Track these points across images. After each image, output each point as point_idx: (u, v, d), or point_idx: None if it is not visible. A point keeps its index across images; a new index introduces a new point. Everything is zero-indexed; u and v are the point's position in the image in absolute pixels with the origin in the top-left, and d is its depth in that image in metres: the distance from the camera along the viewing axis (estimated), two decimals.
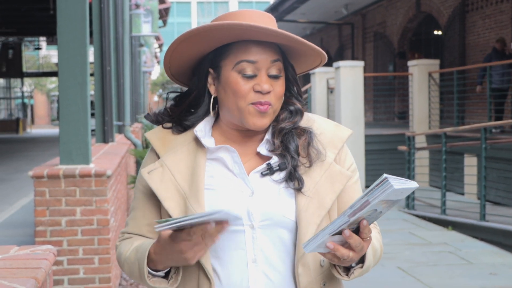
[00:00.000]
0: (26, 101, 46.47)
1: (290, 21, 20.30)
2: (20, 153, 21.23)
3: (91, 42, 7.36)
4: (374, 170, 12.01)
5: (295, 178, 1.54)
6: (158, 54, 33.82)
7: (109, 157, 5.66)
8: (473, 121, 11.84)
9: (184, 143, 1.61)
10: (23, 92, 43.35)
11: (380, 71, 18.10)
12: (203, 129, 1.61)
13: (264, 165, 1.56)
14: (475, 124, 9.95)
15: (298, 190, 1.54)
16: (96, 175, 4.58)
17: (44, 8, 19.62)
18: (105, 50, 7.20)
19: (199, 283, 1.54)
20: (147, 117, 1.68)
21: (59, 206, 4.57)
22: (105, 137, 7.19)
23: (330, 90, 13.54)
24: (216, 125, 1.64)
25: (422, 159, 11.54)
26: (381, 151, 12.23)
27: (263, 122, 1.54)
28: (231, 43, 1.55)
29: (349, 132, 1.64)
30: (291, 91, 1.62)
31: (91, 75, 8.22)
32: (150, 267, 1.50)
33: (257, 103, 1.52)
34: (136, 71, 15.35)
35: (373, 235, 1.58)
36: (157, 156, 1.63)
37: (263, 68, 1.54)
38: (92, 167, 4.64)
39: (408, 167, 10.20)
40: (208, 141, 1.59)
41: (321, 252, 1.42)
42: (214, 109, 1.62)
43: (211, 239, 1.37)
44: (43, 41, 35.52)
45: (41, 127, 48.01)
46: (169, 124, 1.65)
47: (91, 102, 7.70)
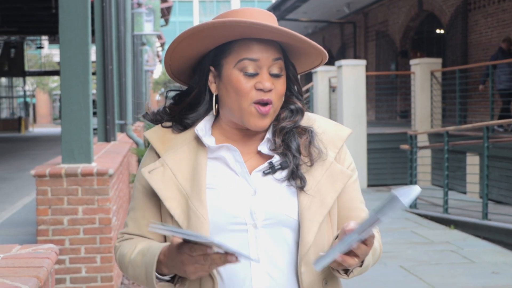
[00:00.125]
0: (28, 100, 46.50)
1: (292, 20, 20.27)
2: (22, 152, 21.24)
3: (93, 41, 7.35)
4: (376, 169, 12.02)
5: (297, 177, 1.54)
6: (160, 53, 33.80)
7: (111, 156, 5.66)
8: (475, 120, 11.81)
9: (184, 142, 1.60)
10: (25, 91, 43.37)
11: (382, 70, 18.08)
12: (203, 128, 1.60)
13: (266, 164, 1.56)
14: (477, 123, 9.93)
15: (301, 188, 1.54)
16: (98, 174, 4.58)
17: (46, 7, 19.63)
18: (107, 49, 7.20)
19: (202, 282, 1.53)
20: (145, 116, 1.67)
21: (61, 205, 4.57)
22: (107, 136, 7.20)
23: (332, 89, 13.55)
24: (216, 124, 1.63)
25: (424, 158, 11.53)
26: (383, 150, 12.22)
27: (264, 123, 1.54)
28: (233, 41, 1.55)
29: (349, 131, 1.65)
30: (292, 90, 1.62)
31: (93, 74, 8.23)
32: (157, 270, 1.50)
33: (258, 102, 1.52)
34: (138, 70, 15.34)
35: None
36: (157, 155, 1.62)
37: (264, 66, 1.54)
38: (94, 166, 4.64)
39: (410, 166, 10.19)
40: (209, 139, 1.58)
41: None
42: (215, 107, 1.62)
43: (214, 264, 1.37)
44: (45, 40, 35.53)
45: (43, 126, 48.03)
46: (168, 123, 1.64)
47: (93, 101, 7.70)
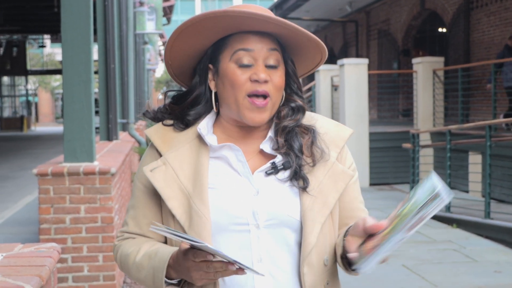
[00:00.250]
0: (30, 99, 46.52)
1: (294, 18, 20.27)
2: (25, 151, 21.25)
3: (95, 40, 7.35)
4: (378, 168, 12.01)
5: (300, 177, 1.53)
6: (162, 52, 33.78)
7: (113, 155, 5.66)
8: (478, 119, 11.79)
9: (186, 141, 1.59)
10: (27, 90, 43.40)
11: (384, 68, 18.07)
12: (205, 126, 1.59)
13: (269, 164, 1.55)
14: (480, 121, 9.91)
15: (303, 189, 1.53)
16: (100, 172, 4.58)
17: (48, 6, 19.63)
18: (109, 48, 7.20)
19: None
20: (146, 114, 1.66)
21: (63, 204, 4.57)
22: (109, 135, 7.20)
23: (335, 88, 13.53)
24: (217, 123, 1.63)
25: (426, 156, 11.51)
26: (385, 149, 12.21)
27: (261, 117, 1.52)
28: (229, 36, 1.55)
29: (350, 131, 1.64)
30: (292, 87, 1.60)
31: (95, 73, 8.24)
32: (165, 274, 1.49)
33: (253, 94, 1.51)
34: (140, 68, 15.35)
35: None
36: (158, 153, 1.61)
37: (260, 57, 1.52)
38: (96, 164, 4.64)
39: (413, 164, 10.18)
40: (211, 138, 1.57)
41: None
42: (215, 105, 1.61)
43: (218, 272, 1.37)
44: (47, 39, 35.57)
45: (45, 125, 48.07)
46: (170, 121, 1.63)
47: (95, 100, 7.71)
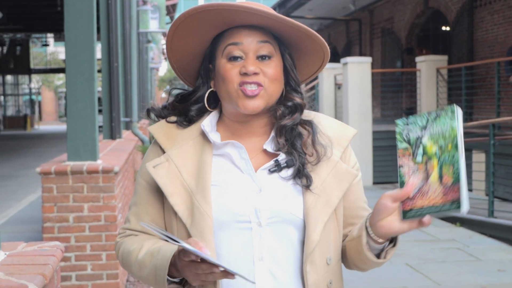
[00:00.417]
0: (33, 97, 46.60)
1: (297, 17, 20.24)
2: (28, 149, 21.29)
3: (98, 39, 7.34)
4: (381, 167, 11.99)
5: (303, 176, 1.53)
6: (165, 51, 33.82)
7: (116, 154, 5.66)
8: (481, 117, 11.78)
9: (189, 138, 1.59)
10: (30, 89, 43.48)
11: (387, 67, 18.04)
12: (209, 123, 1.59)
13: (272, 162, 1.55)
14: (483, 120, 9.89)
15: (306, 187, 1.52)
16: (104, 171, 4.59)
17: (52, 5, 19.66)
18: (112, 47, 7.20)
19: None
20: (152, 111, 1.66)
21: (67, 202, 4.58)
22: (112, 134, 7.20)
23: (338, 86, 13.52)
24: (220, 121, 1.63)
25: None
26: (389, 148, 12.18)
27: (254, 105, 1.50)
28: (222, 33, 1.55)
29: (354, 131, 1.63)
30: (290, 82, 1.58)
31: (99, 71, 8.23)
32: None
33: (243, 83, 1.50)
34: (143, 67, 15.36)
35: None
36: (161, 150, 1.61)
37: (250, 50, 1.52)
38: (99, 163, 4.65)
39: None
40: (214, 135, 1.57)
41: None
42: (212, 103, 1.61)
43: (208, 275, 1.37)
44: (50, 37, 35.61)
45: (48, 124, 48.14)
46: (173, 119, 1.63)
47: (99, 99, 7.71)
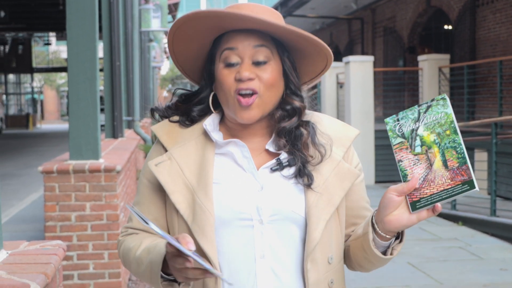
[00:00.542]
0: (36, 96, 46.63)
1: (300, 16, 20.26)
2: (30, 148, 21.31)
3: (100, 38, 7.35)
4: (383, 166, 11.98)
5: (304, 174, 1.53)
6: (167, 50, 33.86)
7: (118, 152, 5.66)
8: (484, 116, 11.77)
9: (192, 137, 1.60)
10: (33, 88, 43.50)
11: (390, 66, 18.03)
12: (211, 123, 1.59)
13: (274, 161, 1.55)
14: (486, 119, 9.88)
15: (308, 186, 1.53)
16: (106, 170, 4.59)
17: (54, 4, 19.69)
18: (114, 45, 7.20)
19: (205, 279, 1.52)
20: (156, 111, 1.66)
21: (69, 201, 4.58)
22: (114, 132, 7.21)
23: (340, 85, 13.51)
24: (222, 123, 1.63)
25: None
26: (391, 147, 12.14)
27: (250, 115, 1.51)
28: (221, 37, 1.55)
29: (357, 132, 1.64)
30: (290, 85, 1.57)
31: (101, 70, 8.24)
32: (163, 269, 1.48)
33: (238, 90, 1.50)
34: (145, 66, 15.37)
35: None
36: (163, 149, 1.61)
37: (245, 55, 1.51)
38: (101, 162, 4.65)
39: None
40: (217, 135, 1.58)
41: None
42: (214, 106, 1.61)
43: (187, 271, 1.35)
44: (52, 36, 35.64)
45: (51, 123, 48.20)
46: (176, 118, 1.63)
47: (101, 98, 7.71)
